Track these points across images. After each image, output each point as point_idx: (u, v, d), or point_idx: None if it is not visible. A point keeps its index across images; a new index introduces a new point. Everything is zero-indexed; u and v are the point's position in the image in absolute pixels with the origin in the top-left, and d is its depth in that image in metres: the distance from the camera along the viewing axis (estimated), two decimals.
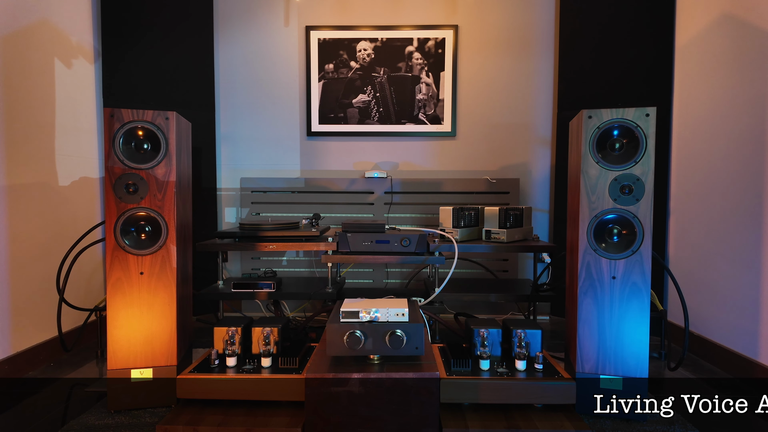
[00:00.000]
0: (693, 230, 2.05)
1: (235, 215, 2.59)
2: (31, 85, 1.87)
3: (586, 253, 1.42)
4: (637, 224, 1.39)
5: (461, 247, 1.92)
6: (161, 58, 2.38)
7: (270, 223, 2.08)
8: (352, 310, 1.34)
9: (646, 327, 1.40)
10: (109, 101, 2.32)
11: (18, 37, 1.81)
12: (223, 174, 2.58)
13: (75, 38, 2.16)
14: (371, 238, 1.90)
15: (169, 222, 1.46)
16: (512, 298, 2.26)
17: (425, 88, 2.54)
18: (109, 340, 1.44)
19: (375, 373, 1.27)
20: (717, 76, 1.92)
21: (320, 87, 2.55)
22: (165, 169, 1.45)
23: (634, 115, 1.37)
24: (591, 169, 1.41)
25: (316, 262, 2.55)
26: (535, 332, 1.42)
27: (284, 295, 2.06)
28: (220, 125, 2.57)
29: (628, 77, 2.27)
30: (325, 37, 2.53)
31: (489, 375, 1.34)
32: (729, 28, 1.85)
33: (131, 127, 1.43)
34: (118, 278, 1.44)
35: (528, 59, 2.52)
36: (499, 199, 2.50)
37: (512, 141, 2.55)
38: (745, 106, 1.76)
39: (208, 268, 2.24)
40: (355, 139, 2.58)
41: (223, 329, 1.44)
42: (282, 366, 1.39)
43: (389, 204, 2.51)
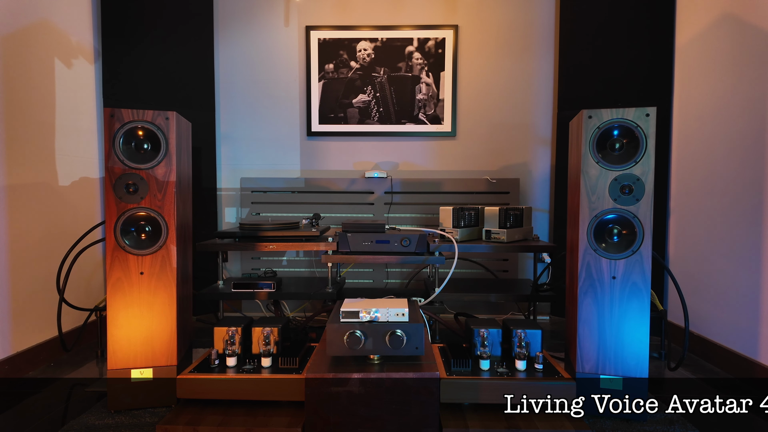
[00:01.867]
0: (693, 230, 2.05)
1: (235, 215, 2.59)
2: (31, 85, 1.87)
3: (586, 253, 1.42)
4: (637, 224, 1.39)
5: (461, 247, 1.92)
6: (161, 57, 2.38)
7: (270, 223, 2.08)
8: (352, 310, 1.34)
9: (646, 327, 1.40)
10: (109, 101, 2.32)
11: (18, 37, 1.81)
12: (223, 174, 2.58)
13: (75, 38, 2.16)
14: (371, 238, 1.90)
15: (169, 222, 1.46)
16: (512, 298, 2.26)
17: (425, 88, 2.54)
18: (109, 340, 1.44)
19: (375, 373, 1.27)
20: (717, 75, 1.91)
21: (320, 87, 2.55)
22: (165, 169, 1.45)
23: (634, 115, 1.37)
24: (591, 169, 1.41)
25: (316, 262, 2.55)
26: (535, 332, 1.42)
27: (284, 295, 2.06)
28: (220, 125, 2.57)
29: (628, 77, 2.27)
30: (325, 37, 2.53)
31: (489, 375, 1.34)
32: (729, 28, 1.85)
33: (131, 127, 1.43)
34: (118, 278, 1.44)
35: (528, 59, 2.52)
36: (499, 199, 2.50)
37: (512, 141, 2.55)
38: (745, 105, 1.76)
39: (208, 268, 2.24)
40: (355, 139, 2.58)
41: (223, 329, 1.45)
42: (282, 366, 1.39)
43: (389, 204, 2.51)
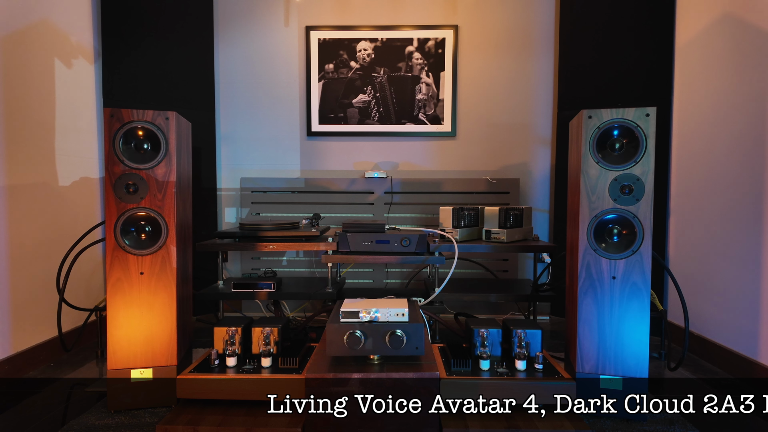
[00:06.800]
0: (693, 230, 2.05)
1: (235, 215, 2.59)
2: (31, 85, 1.87)
3: (586, 253, 1.42)
4: (637, 224, 1.39)
5: (461, 247, 1.92)
6: (161, 58, 2.38)
7: (270, 223, 2.08)
8: (352, 310, 1.34)
9: (646, 327, 1.40)
10: (109, 101, 2.32)
11: (18, 37, 1.81)
12: (223, 174, 2.58)
13: (75, 38, 2.16)
14: (371, 238, 1.90)
15: (169, 222, 1.46)
16: (512, 298, 2.26)
17: (425, 88, 2.54)
18: (109, 340, 1.44)
19: (375, 373, 1.27)
20: (717, 76, 1.91)
21: (320, 87, 2.55)
22: (165, 169, 1.45)
23: (634, 115, 1.37)
24: (591, 169, 1.41)
25: (316, 262, 2.55)
26: (535, 332, 1.42)
27: (284, 295, 2.06)
28: (220, 125, 2.57)
29: (628, 77, 2.27)
30: (325, 37, 2.53)
31: (489, 375, 1.34)
32: (729, 27, 1.85)
33: (131, 127, 1.43)
34: (118, 278, 1.44)
35: (528, 59, 2.52)
36: (499, 199, 2.50)
37: (512, 141, 2.55)
38: (745, 105, 1.76)
39: (208, 268, 2.24)
40: (355, 139, 2.58)
41: (223, 329, 1.44)
42: (282, 366, 1.39)
43: (389, 204, 2.51)
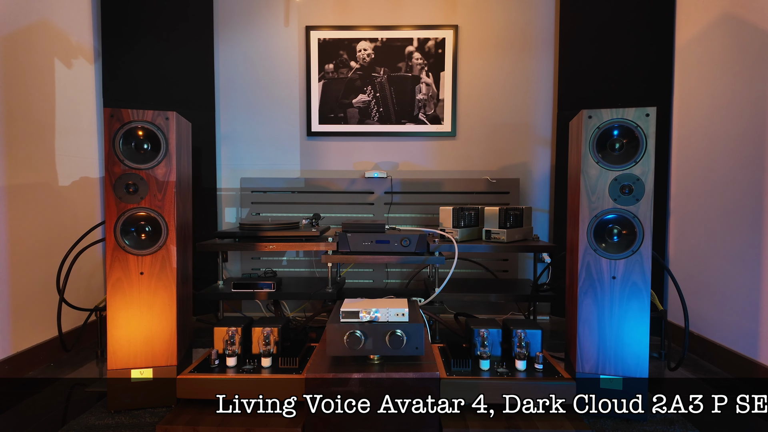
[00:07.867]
0: (693, 230, 2.05)
1: (235, 215, 2.59)
2: (31, 85, 1.87)
3: (586, 253, 1.42)
4: (637, 224, 1.39)
5: (461, 247, 1.92)
6: (161, 58, 2.38)
7: (270, 223, 2.08)
8: (352, 310, 1.34)
9: (646, 327, 1.40)
10: (109, 101, 2.32)
11: (18, 37, 1.81)
12: (223, 174, 2.58)
13: (75, 38, 2.16)
14: (371, 238, 1.90)
15: (169, 222, 1.46)
16: (512, 298, 2.26)
17: (425, 88, 2.54)
18: (109, 340, 1.44)
19: (375, 373, 1.27)
20: (717, 76, 1.91)
21: (320, 87, 2.55)
22: (165, 169, 1.45)
23: (634, 115, 1.37)
24: (591, 169, 1.41)
25: (316, 262, 2.55)
26: (535, 332, 1.42)
27: (284, 295, 2.06)
28: (220, 125, 2.57)
29: (628, 77, 2.27)
30: (325, 37, 2.53)
31: (489, 375, 1.34)
32: (729, 28, 1.85)
33: (131, 127, 1.43)
34: (118, 278, 1.44)
35: (528, 59, 2.52)
36: (499, 199, 2.50)
37: (512, 141, 2.55)
38: (745, 106, 1.76)
39: (208, 268, 2.24)
40: (355, 139, 2.58)
41: (223, 329, 1.45)
42: (282, 366, 1.39)
43: (389, 204, 2.51)
